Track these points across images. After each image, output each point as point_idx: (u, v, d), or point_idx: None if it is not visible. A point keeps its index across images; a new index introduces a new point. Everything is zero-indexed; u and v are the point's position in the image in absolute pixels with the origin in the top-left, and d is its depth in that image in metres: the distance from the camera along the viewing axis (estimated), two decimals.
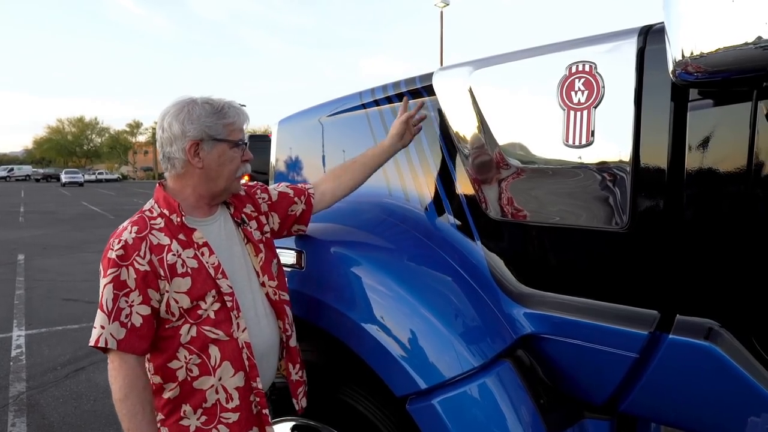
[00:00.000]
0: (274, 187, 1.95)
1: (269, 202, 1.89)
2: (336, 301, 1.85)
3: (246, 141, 1.68)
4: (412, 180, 2.07)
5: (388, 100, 2.19)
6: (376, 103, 2.25)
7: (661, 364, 1.45)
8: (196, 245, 1.57)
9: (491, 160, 1.76)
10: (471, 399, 1.60)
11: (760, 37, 1.03)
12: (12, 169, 73.85)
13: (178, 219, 1.57)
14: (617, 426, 1.72)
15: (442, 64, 2.41)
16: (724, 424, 1.42)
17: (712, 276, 1.37)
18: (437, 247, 1.93)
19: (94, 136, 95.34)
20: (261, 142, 15.38)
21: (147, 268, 1.48)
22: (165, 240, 1.54)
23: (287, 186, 1.96)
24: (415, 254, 1.94)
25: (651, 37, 1.42)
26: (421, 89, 2.03)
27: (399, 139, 1.96)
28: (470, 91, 1.81)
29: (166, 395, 1.57)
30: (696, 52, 1.11)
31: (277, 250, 2.06)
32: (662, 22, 1.34)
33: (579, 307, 1.59)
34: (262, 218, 1.84)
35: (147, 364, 1.58)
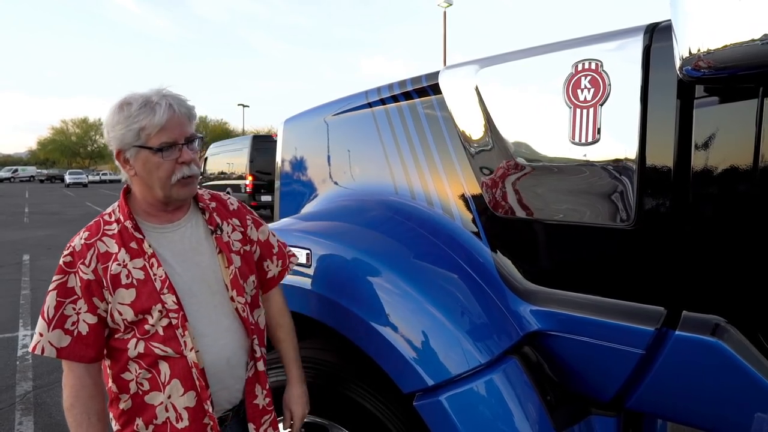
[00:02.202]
0: (268, 230, 1.81)
1: (258, 238, 1.76)
2: (343, 299, 1.86)
3: (173, 142, 1.46)
4: (418, 178, 2.08)
5: (394, 98, 2.20)
6: (382, 101, 2.26)
7: (668, 360, 1.46)
8: (146, 255, 1.48)
9: (497, 158, 1.77)
10: (478, 395, 1.61)
11: (766, 35, 1.04)
12: (16, 170, 73.98)
13: (130, 225, 1.49)
14: (624, 423, 1.73)
15: (445, 65, 2.42)
16: (731, 420, 1.43)
17: (718, 272, 1.38)
18: (444, 245, 1.93)
19: (97, 136, 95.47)
20: (264, 142, 15.42)
21: (91, 276, 1.43)
22: (114, 248, 1.46)
23: (278, 240, 1.83)
24: (421, 252, 1.95)
25: (657, 34, 1.43)
26: (427, 88, 2.04)
27: (288, 404, 1.80)
28: (476, 89, 1.82)
29: (121, 406, 1.51)
30: (703, 49, 1.12)
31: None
32: (668, 20, 1.35)
33: (585, 303, 1.60)
34: (249, 238, 1.72)
35: (108, 371, 1.53)
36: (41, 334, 1.41)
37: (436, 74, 2.00)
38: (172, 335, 1.47)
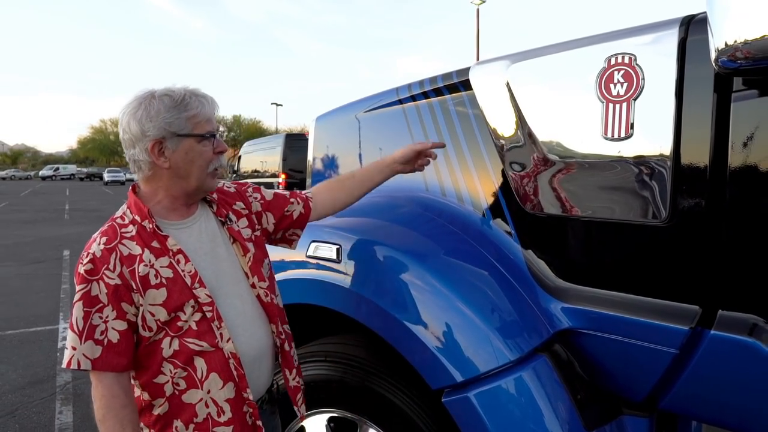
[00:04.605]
0: (269, 190, 1.87)
1: (263, 202, 1.80)
2: (373, 294, 1.86)
3: (215, 132, 1.52)
4: (449, 175, 2.08)
5: (425, 95, 2.20)
6: (413, 98, 2.26)
7: (703, 360, 1.43)
8: (171, 253, 1.46)
9: (529, 154, 1.76)
10: (507, 393, 1.60)
11: None
12: (57, 169, 76.14)
13: (150, 225, 1.46)
14: (656, 423, 1.69)
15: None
16: None
17: (756, 271, 1.34)
18: (474, 242, 1.93)
19: None
20: (297, 140, 15.57)
21: (118, 281, 1.38)
22: (136, 250, 1.43)
23: (283, 190, 1.91)
24: (452, 249, 1.95)
25: (693, 27, 1.40)
26: (458, 84, 2.03)
27: (402, 164, 1.92)
28: (507, 85, 1.80)
29: (156, 411, 1.48)
30: (740, 39, 1.09)
31: (314, 243, 2.09)
32: (704, 12, 1.32)
33: (618, 301, 1.57)
34: (254, 218, 1.75)
35: (133, 381, 1.50)
36: (74, 348, 1.37)
37: (466, 70, 1.99)
38: (207, 329, 1.47)
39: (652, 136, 1.46)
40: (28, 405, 4.12)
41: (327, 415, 2.08)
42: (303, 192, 1.91)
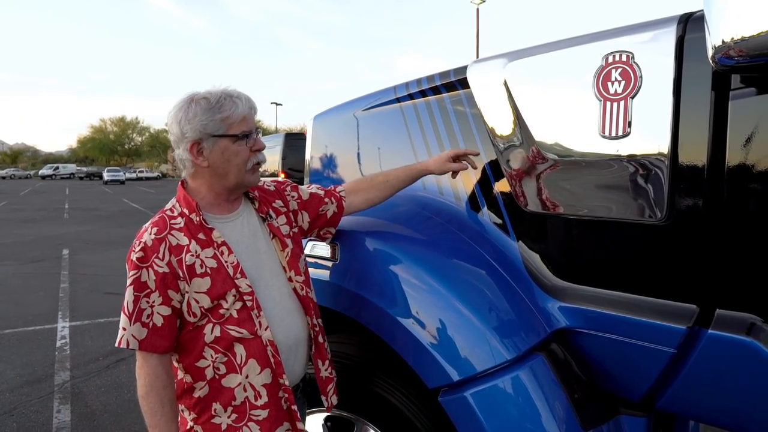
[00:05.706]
0: (305, 187, 1.95)
1: (299, 201, 1.89)
2: (369, 293, 1.86)
3: (250, 132, 1.60)
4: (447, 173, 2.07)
5: (423, 93, 2.19)
6: (411, 96, 2.25)
7: (700, 360, 1.42)
8: (215, 244, 1.57)
9: (526, 152, 1.75)
10: (503, 392, 1.59)
11: None
12: (57, 168, 76.14)
13: (197, 218, 1.57)
14: (654, 423, 1.69)
15: None
16: (766, 423, 1.39)
17: (754, 270, 1.33)
18: (471, 241, 1.92)
19: (134, 135, 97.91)
20: (297, 140, 15.57)
21: (166, 269, 1.49)
22: (184, 240, 1.54)
23: (318, 187, 1.97)
24: (449, 247, 1.94)
25: (691, 25, 1.39)
26: (456, 82, 2.03)
27: (434, 170, 1.97)
28: (505, 83, 1.80)
29: (197, 394, 1.59)
30: (737, 36, 1.08)
31: (312, 242, 2.09)
32: (702, 10, 1.31)
33: (615, 300, 1.57)
34: (291, 215, 1.84)
35: (177, 364, 1.61)
36: (124, 329, 1.49)
37: (464, 69, 1.99)
38: (246, 317, 1.56)
39: (650, 134, 1.45)
40: (26, 404, 4.11)
41: (324, 415, 2.07)
42: (336, 189, 1.98)
